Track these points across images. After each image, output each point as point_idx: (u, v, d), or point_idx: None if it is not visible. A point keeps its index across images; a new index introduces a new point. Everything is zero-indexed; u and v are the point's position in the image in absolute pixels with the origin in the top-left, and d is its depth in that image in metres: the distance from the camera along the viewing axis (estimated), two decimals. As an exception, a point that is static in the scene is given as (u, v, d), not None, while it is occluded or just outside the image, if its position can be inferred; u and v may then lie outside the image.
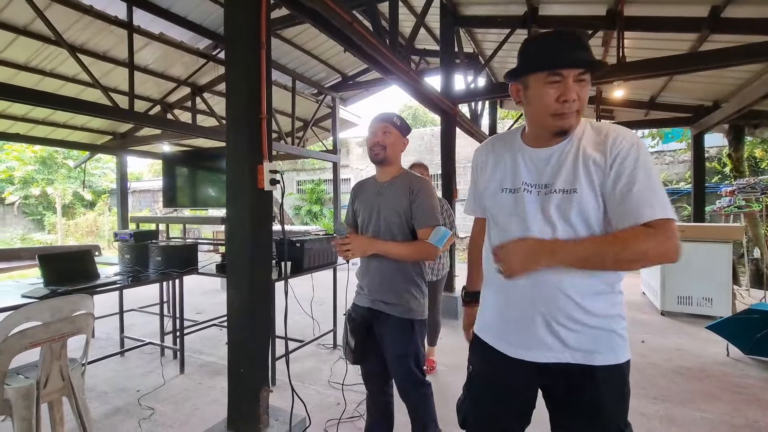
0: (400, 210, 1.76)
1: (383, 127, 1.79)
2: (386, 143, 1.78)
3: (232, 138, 1.85)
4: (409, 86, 4.03)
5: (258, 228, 1.86)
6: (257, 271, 1.87)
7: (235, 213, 1.86)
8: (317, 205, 14.41)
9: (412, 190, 1.77)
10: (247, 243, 1.81)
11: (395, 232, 1.76)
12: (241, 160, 1.82)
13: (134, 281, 2.68)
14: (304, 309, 4.35)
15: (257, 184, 1.79)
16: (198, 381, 3.05)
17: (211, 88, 5.71)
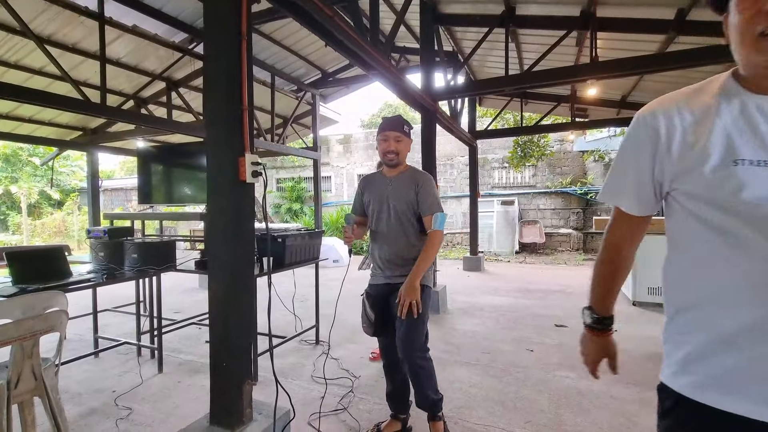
0: (407, 200, 2.00)
1: (396, 136, 2.00)
2: (399, 150, 2.01)
3: (212, 130, 1.82)
4: (390, 83, 4.04)
5: (241, 220, 1.85)
6: (240, 264, 1.86)
7: (216, 206, 1.84)
8: (297, 203, 14.28)
9: (418, 183, 2.01)
10: (229, 235, 1.80)
11: (402, 219, 2.01)
12: (222, 151, 1.81)
13: (109, 279, 2.60)
14: (285, 305, 4.32)
15: (239, 176, 1.78)
16: (177, 379, 3.00)
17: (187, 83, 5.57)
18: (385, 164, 2.05)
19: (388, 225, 2.02)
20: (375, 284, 2.09)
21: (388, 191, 2.03)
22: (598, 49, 4.49)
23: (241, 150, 1.77)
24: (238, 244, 1.83)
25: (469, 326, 4.29)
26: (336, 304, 3.88)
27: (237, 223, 1.83)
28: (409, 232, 2.01)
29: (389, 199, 2.02)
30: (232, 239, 1.81)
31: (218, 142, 1.81)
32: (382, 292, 2.06)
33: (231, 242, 1.81)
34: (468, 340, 3.83)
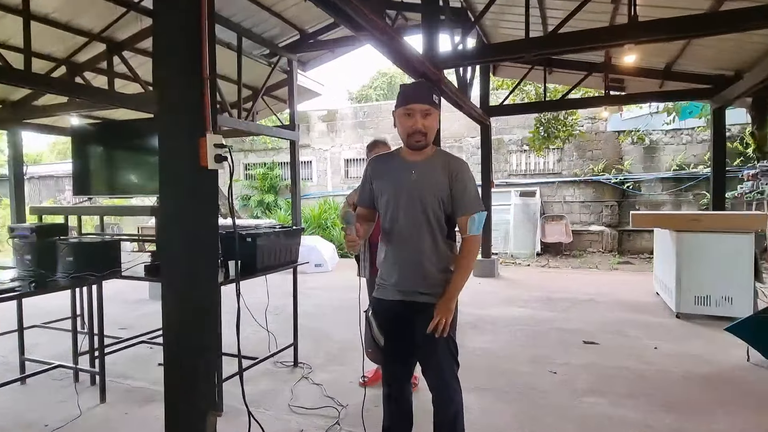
0: (437, 193, 1.87)
1: (424, 110, 1.85)
2: (428, 128, 1.86)
3: (164, 104, 1.81)
4: (384, 46, 4.03)
5: (201, 215, 1.84)
6: (201, 269, 1.85)
7: (171, 198, 1.83)
8: (271, 195, 14.25)
9: (452, 172, 1.88)
10: (187, 234, 1.79)
11: (430, 217, 1.88)
12: (177, 131, 1.79)
13: (39, 288, 2.58)
14: (257, 320, 4.32)
15: (199, 162, 1.77)
16: (124, 410, 3.00)
17: (132, 46, 5.51)
18: (409, 148, 1.91)
19: (410, 224, 1.89)
20: (383, 299, 1.99)
21: (411, 180, 1.89)
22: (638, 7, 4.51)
23: (201, 129, 1.76)
24: (198, 244, 1.83)
25: (479, 343, 4.32)
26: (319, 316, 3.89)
27: (197, 219, 1.82)
28: (436, 235, 1.90)
29: (413, 191, 1.88)
30: (190, 239, 1.80)
31: (172, 119, 1.80)
32: (395, 312, 1.96)
33: (189, 243, 1.80)
34: (478, 360, 3.86)
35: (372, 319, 2.02)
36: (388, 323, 2.00)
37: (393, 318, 1.98)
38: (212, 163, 1.75)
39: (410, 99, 1.85)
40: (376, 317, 2.02)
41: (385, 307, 2.00)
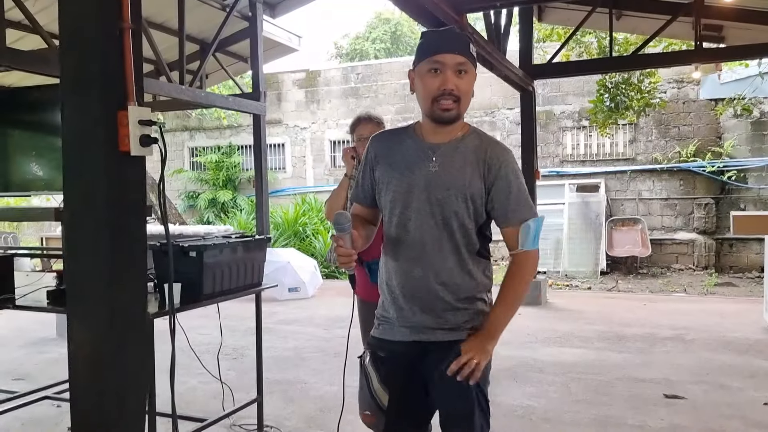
0: (468, 192, 1.82)
1: (458, 63, 1.77)
2: (463, 91, 1.79)
3: (69, 66, 1.80)
4: (382, -19, 4.05)
5: (123, 220, 1.83)
6: (122, 296, 1.84)
7: (79, 196, 1.82)
8: (227, 191, 14.30)
9: (491, 163, 1.83)
10: (102, 246, 1.79)
11: (454, 229, 1.84)
12: (87, 102, 1.77)
13: None
14: (206, 366, 4.33)
15: (118, 146, 1.76)
16: (18, 495, 2.99)
17: (32, -17, 5.54)
18: (435, 120, 1.84)
19: (425, 236, 1.85)
20: (386, 340, 1.97)
21: (430, 173, 1.84)
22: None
23: (121, 99, 1.76)
24: (118, 261, 1.83)
25: (520, 398, 4.30)
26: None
27: (116, 225, 1.82)
28: (462, 252, 1.87)
29: (432, 188, 1.83)
30: (106, 254, 1.80)
31: (79, 86, 1.80)
32: (404, 358, 1.93)
33: (106, 259, 1.80)
34: (520, 424, 3.82)
35: (371, 369, 1.97)
36: (394, 374, 1.95)
37: (401, 366, 1.94)
38: (137, 148, 1.75)
39: (438, 47, 1.79)
40: (376, 366, 1.97)
41: (391, 352, 1.96)
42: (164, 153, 1.82)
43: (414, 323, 1.91)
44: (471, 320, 1.90)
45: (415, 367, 1.93)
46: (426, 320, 1.89)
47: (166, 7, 6.70)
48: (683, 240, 11.46)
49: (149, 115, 1.80)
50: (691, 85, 11.54)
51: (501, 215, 1.86)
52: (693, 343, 5.83)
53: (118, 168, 1.78)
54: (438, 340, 1.89)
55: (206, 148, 15.19)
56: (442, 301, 1.87)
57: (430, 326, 1.89)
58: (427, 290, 1.87)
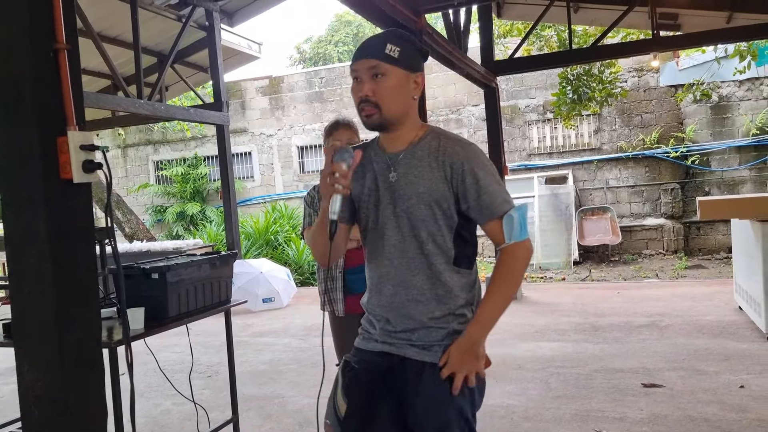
0: (432, 198, 1.76)
1: (370, 68, 1.73)
2: (380, 95, 1.73)
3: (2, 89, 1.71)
4: (336, -15, 3.99)
5: (68, 251, 1.76)
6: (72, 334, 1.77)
7: (20, 228, 1.74)
8: (195, 203, 14.11)
9: (451, 165, 1.76)
10: (47, 280, 1.71)
11: (422, 235, 1.78)
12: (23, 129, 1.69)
13: None
14: (178, 388, 4.23)
15: (59, 173, 1.69)
16: None
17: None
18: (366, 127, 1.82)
19: (392, 248, 1.82)
20: (364, 350, 1.93)
21: (391, 182, 1.81)
22: None
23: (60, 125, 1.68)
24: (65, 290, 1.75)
25: (500, 398, 4.28)
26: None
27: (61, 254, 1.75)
28: (434, 263, 1.79)
29: (394, 197, 1.80)
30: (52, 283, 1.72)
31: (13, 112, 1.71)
32: (377, 368, 1.86)
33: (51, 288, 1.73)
34: (501, 424, 3.80)
35: (339, 376, 1.91)
36: (357, 385, 1.85)
37: (366, 378, 1.85)
38: (80, 175, 1.68)
39: (354, 56, 1.76)
40: (344, 373, 1.90)
41: (364, 362, 1.88)
42: (109, 178, 1.74)
43: (389, 338, 1.85)
44: (444, 339, 1.79)
45: (385, 383, 1.83)
46: (401, 336, 1.82)
47: (120, 19, 6.56)
48: (652, 226, 11.61)
49: (92, 139, 1.72)
50: (651, 73, 11.71)
51: (478, 213, 1.76)
52: (668, 330, 5.88)
53: (61, 197, 1.71)
54: (408, 356, 1.80)
55: (171, 160, 14.96)
56: (412, 319, 1.80)
57: (406, 340, 1.82)
58: (398, 308, 1.80)
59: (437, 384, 1.76)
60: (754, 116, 11.12)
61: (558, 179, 12.00)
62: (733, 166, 11.29)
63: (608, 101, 10.41)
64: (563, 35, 9.80)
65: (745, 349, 5.00)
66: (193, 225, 13.96)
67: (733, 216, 5.93)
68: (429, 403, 1.76)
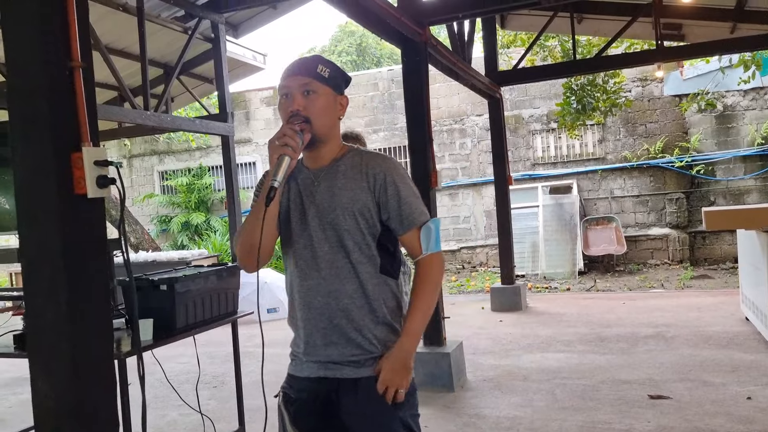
0: (356, 209, 1.82)
1: (302, 84, 1.81)
2: (310, 111, 1.80)
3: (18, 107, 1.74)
4: None
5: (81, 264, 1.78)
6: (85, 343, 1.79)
7: (35, 242, 1.76)
8: (200, 213, 14.14)
9: (374, 176, 1.84)
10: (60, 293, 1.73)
11: (348, 245, 1.83)
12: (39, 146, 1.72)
13: None
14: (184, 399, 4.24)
15: (73, 188, 1.71)
16: None
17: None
18: None
19: (320, 259, 1.84)
20: (297, 376, 1.91)
21: (316, 196, 1.86)
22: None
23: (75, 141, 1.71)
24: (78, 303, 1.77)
25: (505, 410, 4.28)
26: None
27: (75, 267, 1.77)
28: (361, 270, 1.83)
29: (319, 210, 1.84)
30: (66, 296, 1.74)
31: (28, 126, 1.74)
32: (316, 395, 1.86)
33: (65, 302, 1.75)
34: (505, 436, 3.81)
35: (283, 409, 1.90)
36: (304, 415, 1.87)
37: (311, 407, 1.86)
38: (94, 190, 1.70)
39: (284, 75, 1.84)
40: (287, 406, 1.90)
41: (299, 391, 1.89)
42: (123, 194, 1.77)
43: (320, 357, 1.85)
44: (378, 353, 1.83)
45: (330, 408, 1.85)
46: (332, 354, 1.83)
47: (127, 32, 6.61)
48: (657, 235, 11.59)
49: (105, 155, 1.75)
50: (655, 82, 11.72)
51: (396, 223, 1.84)
52: (674, 340, 5.87)
53: (75, 212, 1.74)
54: (346, 377, 1.82)
55: (176, 171, 15.01)
56: (344, 332, 1.82)
57: (337, 360, 1.83)
58: (329, 317, 1.82)
59: (376, 399, 1.79)
60: (759, 125, 11.12)
61: (562, 189, 11.99)
62: (738, 176, 11.27)
63: (612, 111, 10.45)
64: (567, 45, 9.84)
65: (753, 361, 4.99)
66: (198, 235, 13.98)
67: (739, 226, 5.92)
68: (372, 419, 1.80)
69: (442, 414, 4.30)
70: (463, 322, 7.44)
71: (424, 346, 4.92)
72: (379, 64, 25.51)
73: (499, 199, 8.42)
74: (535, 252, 11.51)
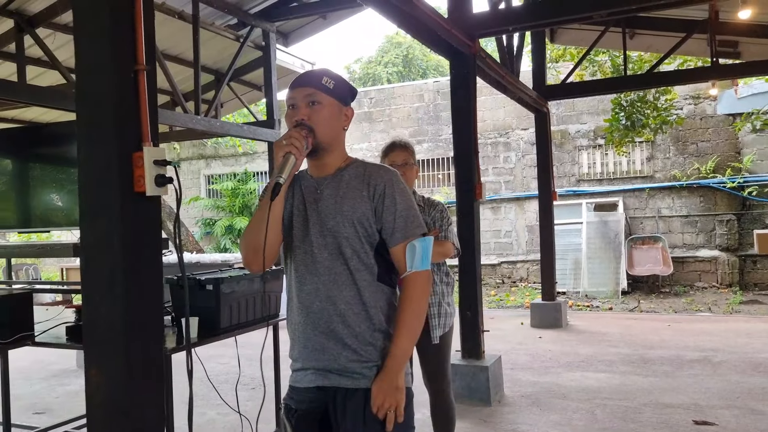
0: (355, 217, 1.86)
1: (307, 95, 1.86)
2: (314, 120, 1.85)
3: (85, 106, 1.82)
4: (394, 8, 4.06)
5: (137, 261, 1.84)
6: (137, 337, 1.85)
7: (95, 238, 1.84)
8: (244, 218, 14.38)
9: (374, 186, 1.88)
10: (117, 288, 1.79)
11: (347, 253, 1.86)
12: (103, 144, 1.79)
13: None
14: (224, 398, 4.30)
15: (133, 186, 1.78)
16: None
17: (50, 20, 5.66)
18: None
19: (320, 265, 1.87)
20: (298, 387, 1.92)
21: (318, 203, 1.89)
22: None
23: (137, 141, 1.77)
24: (133, 298, 1.83)
25: (543, 427, 4.23)
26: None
27: (132, 263, 1.83)
28: (359, 277, 1.87)
29: (321, 217, 1.88)
30: (122, 291, 1.80)
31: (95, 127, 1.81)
32: (317, 406, 1.89)
33: (121, 296, 1.81)
34: (542, 453, 3.76)
35: (285, 422, 1.91)
36: (304, 426, 1.89)
37: (312, 418, 1.88)
38: (152, 188, 1.76)
39: (291, 85, 1.89)
40: (288, 418, 1.91)
41: (300, 402, 1.90)
42: (180, 193, 1.82)
43: (317, 364, 1.87)
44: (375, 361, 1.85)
45: (328, 419, 1.87)
46: (328, 359, 1.85)
47: (181, 39, 6.79)
48: (706, 257, 11.28)
49: (164, 155, 1.81)
50: (708, 100, 11.44)
51: (388, 234, 1.87)
52: (721, 366, 5.70)
53: (134, 209, 1.80)
54: (344, 386, 1.84)
55: (222, 175, 15.30)
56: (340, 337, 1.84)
57: (333, 367, 1.85)
58: (327, 322, 1.85)
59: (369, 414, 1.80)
60: (818, 148, 10.75)
61: (607, 206, 11.78)
62: (793, 199, 10.90)
63: (663, 129, 10.22)
64: (617, 61, 9.69)
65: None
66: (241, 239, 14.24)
67: (793, 251, 5.73)
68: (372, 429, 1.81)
69: (478, 428, 4.27)
70: (502, 336, 7.38)
71: (462, 359, 4.91)
72: (425, 76, 25.56)
73: (543, 214, 8.34)
74: (577, 269, 11.32)
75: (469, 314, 4.95)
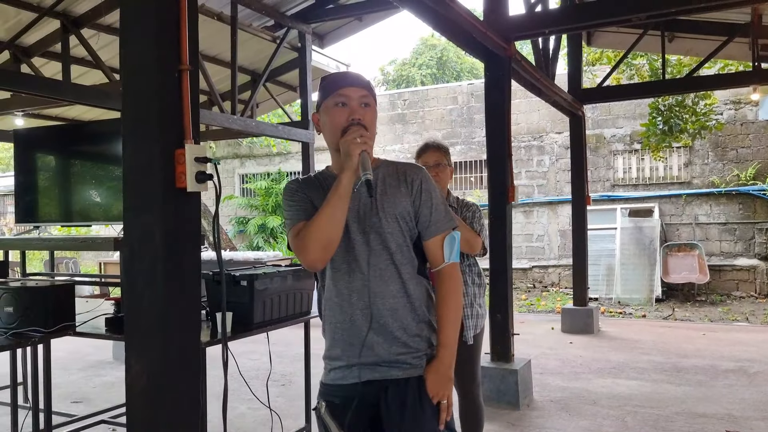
0: (397, 212, 1.91)
1: (361, 96, 1.90)
2: (367, 121, 1.89)
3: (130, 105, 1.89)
4: (429, 9, 4.09)
5: (177, 255, 1.90)
6: (176, 329, 1.90)
7: (138, 232, 1.90)
8: (277, 217, 14.52)
9: (411, 182, 1.94)
10: (158, 281, 1.85)
11: (392, 248, 1.90)
12: (147, 141, 1.85)
13: (-33, 348, 2.72)
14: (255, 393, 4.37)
15: (175, 182, 1.83)
16: None
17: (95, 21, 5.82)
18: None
19: (364, 261, 1.88)
20: (343, 384, 1.90)
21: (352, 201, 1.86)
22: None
23: (179, 138, 1.83)
24: (173, 291, 1.88)
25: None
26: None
27: (172, 257, 1.88)
28: (404, 271, 1.91)
29: (361, 214, 1.90)
30: (163, 284, 1.86)
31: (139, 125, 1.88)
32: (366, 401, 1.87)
33: (162, 289, 1.86)
34: (571, 458, 3.74)
35: (329, 419, 1.88)
36: (356, 421, 1.87)
37: (361, 412, 1.86)
38: (193, 184, 1.81)
39: (343, 83, 1.92)
40: (334, 415, 1.88)
41: (347, 396, 1.87)
42: (219, 190, 1.87)
43: (365, 359, 1.87)
44: (423, 351, 1.91)
45: (376, 410, 1.88)
46: (379, 353, 1.86)
47: (219, 40, 6.91)
48: (744, 266, 11.02)
49: (205, 152, 1.86)
50: (749, 106, 11.17)
51: (425, 227, 1.93)
52: (757, 376, 5.58)
53: (175, 204, 1.85)
54: (394, 377, 1.87)
55: (256, 174, 15.49)
56: (390, 330, 1.87)
57: (384, 360, 1.87)
58: (376, 318, 1.86)
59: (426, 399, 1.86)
60: None
61: (642, 212, 11.59)
62: (837, 208, 10.59)
63: (701, 134, 10.03)
64: (655, 64, 9.54)
65: None
66: (273, 238, 14.35)
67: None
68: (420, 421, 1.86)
69: (506, 431, 4.26)
70: (532, 341, 7.33)
71: (491, 361, 4.90)
72: (459, 78, 25.46)
73: (576, 218, 8.26)
74: (610, 275, 11.17)
75: (500, 317, 4.94)
